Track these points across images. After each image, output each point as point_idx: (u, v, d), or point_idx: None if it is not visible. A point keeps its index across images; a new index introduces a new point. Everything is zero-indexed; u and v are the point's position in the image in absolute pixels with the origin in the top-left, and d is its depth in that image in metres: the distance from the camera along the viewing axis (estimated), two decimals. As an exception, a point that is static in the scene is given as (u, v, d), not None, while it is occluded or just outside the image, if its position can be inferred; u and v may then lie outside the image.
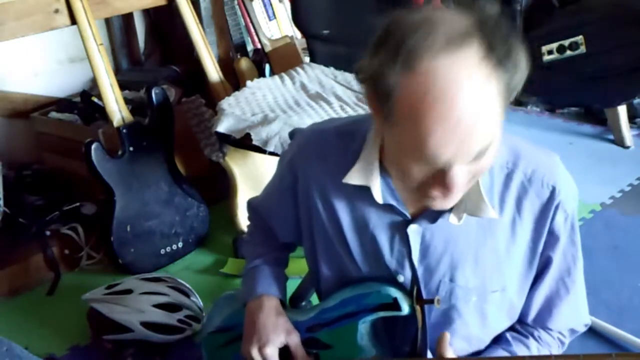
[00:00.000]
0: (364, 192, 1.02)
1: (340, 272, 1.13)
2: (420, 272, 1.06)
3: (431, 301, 1.04)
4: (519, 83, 0.84)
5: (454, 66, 0.78)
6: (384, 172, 1.02)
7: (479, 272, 1.05)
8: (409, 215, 1.04)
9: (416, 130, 0.81)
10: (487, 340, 1.14)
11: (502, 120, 0.85)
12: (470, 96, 0.79)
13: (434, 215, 1.02)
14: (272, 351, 1.12)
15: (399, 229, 1.05)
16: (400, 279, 1.07)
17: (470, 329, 1.09)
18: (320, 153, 1.10)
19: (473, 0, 0.85)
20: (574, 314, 1.14)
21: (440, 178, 0.85)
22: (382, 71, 0.82)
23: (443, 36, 0.79)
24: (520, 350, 1.10)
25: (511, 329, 1.15)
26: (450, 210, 0.99)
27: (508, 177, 1.02)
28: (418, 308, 1.07)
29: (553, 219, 1.03)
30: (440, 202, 0.91)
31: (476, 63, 0.79)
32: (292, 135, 1.24)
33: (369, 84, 0.86)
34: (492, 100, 0.81)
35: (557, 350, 1.15)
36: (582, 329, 1.18)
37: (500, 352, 1.11)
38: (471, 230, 1.02)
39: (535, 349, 1.12)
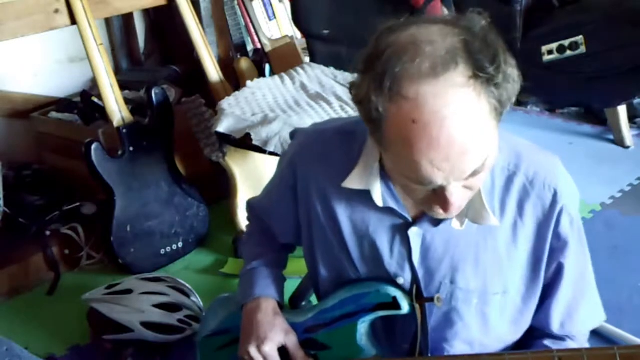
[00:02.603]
0: (364, 194, 1.02)
1: (339, 274, 1.13)
2: (420, 274, 1.06)
3: (431, 299, 1.04)
4: (512, 95, 0.83)
5: (441, 90, 0.78)
6: (384, 174, 1.02)
7: (480, 274, 1.04)
8: (410, 218, 1.03)
9: (408, 156, 0.81)
10: (489, 345, 1.12)
11: (496, 134, 0.84)
12: (461, 118, 0.78)
13: (436, 219, 1.01)
14: (271, 349, 1.11)
15: (400, 232, 1.04)
16: (400, 281, 1.07)
17: (472, 332, 1.09)
18: (321, 154, 1.09)
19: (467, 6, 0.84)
20: (592, 315, 1.13)
21: (439, 196, 0.87)
22: (370, 97, 0.82)
23: (428, 60, 0.78)
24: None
25: (544, 337, 1.11)
26: None
27: (509, 180, 1.01)
28: (418, 307, 1.06)
29: (558, 223, 1.02)
30: (443, 215, 0.92)
31: (464, 83, 0.78)
32: (292, 135, 1.23)
33: (361, 107, 0.86)
34: (484, 118, 0.81)
35: None
36: (598, 324, 1.18)
37: None
38: (472, 232, 1.02)
39: None
